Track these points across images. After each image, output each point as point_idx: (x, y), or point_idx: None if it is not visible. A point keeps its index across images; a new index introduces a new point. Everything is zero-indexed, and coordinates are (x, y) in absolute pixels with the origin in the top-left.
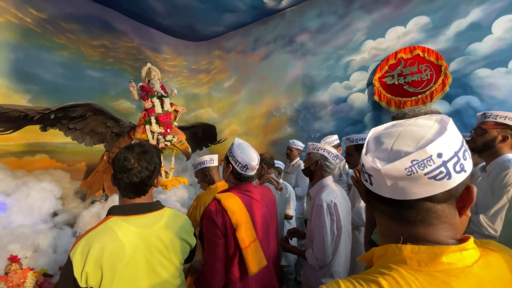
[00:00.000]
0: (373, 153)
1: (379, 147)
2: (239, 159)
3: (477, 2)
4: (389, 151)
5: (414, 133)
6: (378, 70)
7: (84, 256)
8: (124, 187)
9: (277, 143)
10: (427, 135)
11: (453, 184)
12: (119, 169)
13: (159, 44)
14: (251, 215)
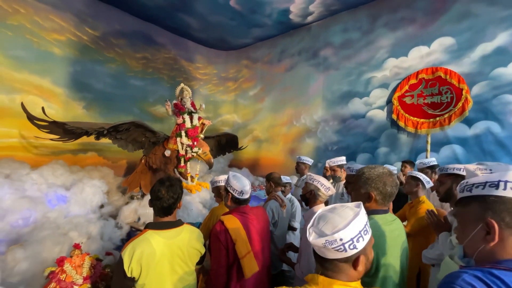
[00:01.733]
0: (313, 227)
1: (317, 224)
2: (235, 187)
3: (505, 26)
4: (319, 230)
5: (334, 221)
6: (398, 88)
7: (130, 256)
8: (157, 210)
9: (295, 152)
10: (340, 225)
11: (348, 254)
12: (155, 197)
13: (193, 54)
14: (247, 232)
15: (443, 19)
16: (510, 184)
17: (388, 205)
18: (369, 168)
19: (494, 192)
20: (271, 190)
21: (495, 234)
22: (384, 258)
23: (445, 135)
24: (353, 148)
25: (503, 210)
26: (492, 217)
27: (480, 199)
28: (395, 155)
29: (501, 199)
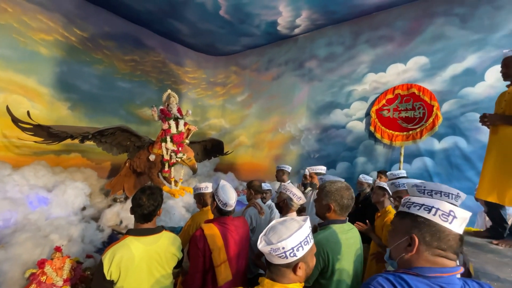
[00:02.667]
0: (264, 236)
1: (267, 234)
2: (221, 198)
3: (474, 49)
4: (268, 239)
5: (281, 232)
6: (376, 102)
7: (110, 260)
8: (138, 216)
9: (280, 158)
10: (284, 236)
11: (289, 261)
12: (136, 204)
13: (182, 58)
14: (225, 242)
15: (418, 39)
16: (440, 212)
17: (345, 215)
18: (330, 183)
19: (425, 214)
20: (251, 197)
21: (414, 247)
22: (338, 263)
23: (417, 147)
24: (334, 156)
25: (427, 231)
26: (416, 234)
27: (412, 217)
28: (372, 164)
29: (428, 222)
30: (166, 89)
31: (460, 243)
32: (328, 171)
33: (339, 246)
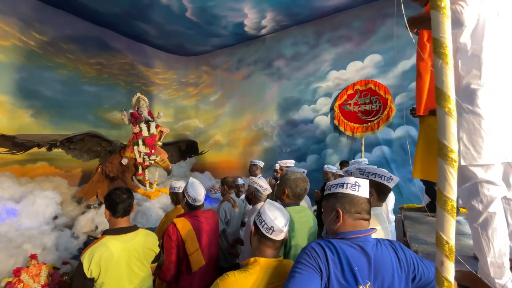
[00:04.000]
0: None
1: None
2: (190, 194)
3: None
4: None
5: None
6: (339, 98)
7: (90, 259)
8: (119, 211)
9: (254, 154)
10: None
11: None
12: (114, 200)
13: (151, 59)
14: (197, 232)
15: (373, 38)
16: (349, 185)
17: (298, 201)
18: (292, 172)
19: (340, 190)
20: (225, 192)
21: (340, 217)
22: (294, 240)
23: (375, 137)
24: (304, 150)
25: (345, 202)
26: (339, 207)
27: (333, 195)
28: (337, 155)
29: (344, 194)
30: (136, 91)
31: (369, 205)
32: (299, 163)
33: (292, 224)
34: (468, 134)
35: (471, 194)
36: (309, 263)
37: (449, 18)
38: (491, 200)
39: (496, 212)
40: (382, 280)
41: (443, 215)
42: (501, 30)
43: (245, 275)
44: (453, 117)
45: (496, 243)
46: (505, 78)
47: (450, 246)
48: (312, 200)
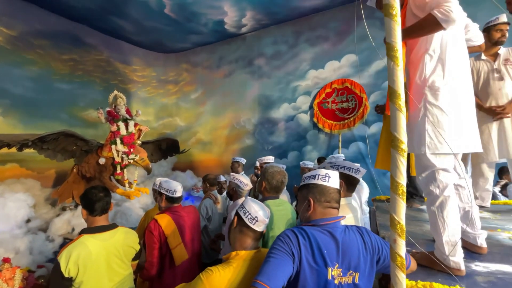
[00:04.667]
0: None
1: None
2: (167, 187)
3: None
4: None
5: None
6: (317, 96)
7: (67, 259)
8: (95, 209)
9: (237, 152)
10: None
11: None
12: (91, 199)
13: (128, 56)
14: (179, 227)
15: (348, 39)
16: (320, 176)
17: (276, 194)
18: (270, 166)
19: (312, 181)
20: (207, 189)
21: (311, 206)
22: (272, 231)
23: (352, 134)
24: (285, 147)
25: (316, 192)
26: (311, 196)
27: (306, 186)
28: (317, 152)
29: (315, 185)
30: (112, 89)
31: (339, 195)
32: (281, 160)
33: (271, 217)
34: (433, 126)
35: (429, 181)
36: (282, 248)
37: (399, 25)
38: (446, 185)
39: (450, 196)
40: (349, 262)
41: (395, 199)
42: (458, 35)
43: (228, 270)
44: (403, 112)
45: (450, 224)
46: (462, 78)
47: (401, 226)
48: (292, 195)
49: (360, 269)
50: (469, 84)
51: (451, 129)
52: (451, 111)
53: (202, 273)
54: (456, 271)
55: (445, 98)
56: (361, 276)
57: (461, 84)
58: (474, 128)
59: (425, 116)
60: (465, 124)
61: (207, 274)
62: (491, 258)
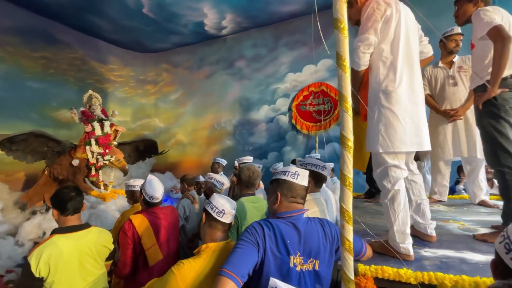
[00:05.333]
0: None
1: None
2: (147, 191)
3: None
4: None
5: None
6: (295, 98)
7: (38, 259)
8: (67, 208)
9: (217, 153)
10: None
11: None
12: (62, 199)
13: (105, 55)
14: (154, 228)
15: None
16: (290, 173)
17: (251, 190)
18: (245, 165)
19: (282, 177)
20: (185, 190)
21: (278, 200)
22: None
23: (328, 135)
24: (265, 148)
25: (284, 187)
26: (279, 191)
27: (276, 181)
28: (295, 152)
29: (284, 181)
30: (87, 88)
31: (305, 192)
32: (261, 160)
33: (245, 212)
34: (385, 127)
35: (382, 176)
36: (248, 239)
37: (347, 37)
38: (396, 180)
39: (400, 190)
40: (309, 250)
41: (343, 190)
42: (412, 43)
43: (198, 261)
44: (350, 114)
45: (400, 214)
46: (412, 83)
47: (348, 213)
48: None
49: (320, 257)
50: (419, 89)
51: (402, 129)
52: (402, 113)
53: (174, 266)
54: (406, 256)
55: (396, 101)
56: (321, 264)
57: (411, 88)
58: (423, 129)
59: (379, 117)
60: (415, 125)
61: (178, 267)
62: (439, 245)
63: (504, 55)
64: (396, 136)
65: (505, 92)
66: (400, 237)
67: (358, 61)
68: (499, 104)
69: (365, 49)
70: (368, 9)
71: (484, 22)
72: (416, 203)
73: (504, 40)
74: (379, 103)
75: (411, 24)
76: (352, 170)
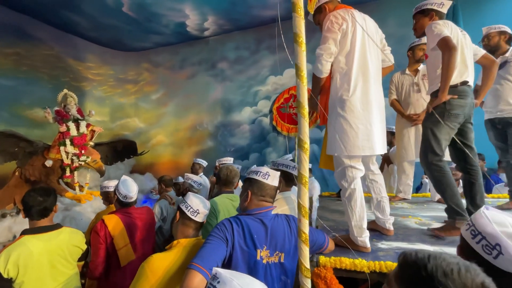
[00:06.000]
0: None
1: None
2: (121, 191)
3: None
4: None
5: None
6: (276, 101)
7: (6, 260)
8: (34, 213)
9: (199, 154)
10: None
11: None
12: (29, 202)
13: (82, 52)
14: (128, 229)
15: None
16: (261, 174)
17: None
18: (227, 165)
19: (254, 176)
20: (162, 190)
21: (248, 198)
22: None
23: None
24: (246, 149)
25: (255, 186)
26: (250, 189)
27: (248, 180)
28: (276, 153)
29: (256, 180)
30: (63, 86)
31: (274, 192)
32: (242, 161)
33: (223, 207)
34: (340, 133)
35: (341, 176)
36: (218, 234)
37: (305, 50)
38: (353, 180)
39: (356, 188)
40: (275, 244)
41: (300, 187)
42: (372, 53)
43: (169, 255)
44: (307, 120)
45: (356, 211)
46: (368, 91)
47: (305, 208)
48: None
49: (285, 250)
50: (374, 97)
51: (354, 135)
52: (354, 120)
53: (145, 261)
54: (363, 249)
55: (350, 109)
56: (286, 256)
57: (365, 97)
58: (376, 134)
59: (335, 124)
60: (368, 131)
61: (147, 261)
62: (395, 238)
63: (451, 64)
64: (349, 141)
65: (454, 99)
66: (358, 231)
67: (321, 68)
68: (444, 110)
69: (327, 58)
70: (328, 22)
71: (435, 34)
72: (377, 200)
73: (450, 50)
74: (335, 111)
75: (371, 34)
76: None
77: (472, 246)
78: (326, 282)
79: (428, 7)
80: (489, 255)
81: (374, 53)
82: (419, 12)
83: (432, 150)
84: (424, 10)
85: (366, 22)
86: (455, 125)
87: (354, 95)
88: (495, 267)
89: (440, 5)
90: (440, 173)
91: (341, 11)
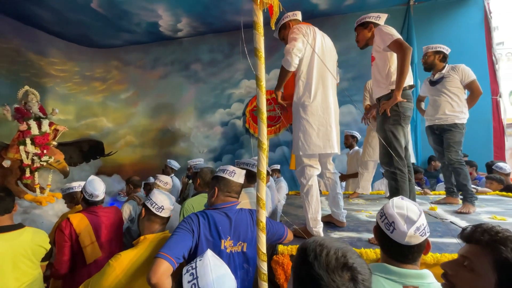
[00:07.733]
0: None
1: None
2: (87, 190)
3: None
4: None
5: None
6: (249, 104)
7: None
8: None
9: (171, 155)
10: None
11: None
12: None
13: (45, 47)
14: (94, 227)
15: (276, 55)
16: (227, 172)
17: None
18: (205, 167)
19: (221, 174)
20: (131, 191)
21: (215, 194)
22: None
23: (278, 139)
24: (220, 150)
25: (221, 183)
26: (217, 186)
27: (216, 177)
28: (249, 155)
29: (222, 178)
30: (23, 82)
31: (240, 188)
32: (215, 163)
33: (201, 206)
34: (302, 134)
35: (300, 173)
36: (184, 226)
37: (264, 63)
38: (310, 177)
39: (312, 185)
40: (238, 234)
41: (259, 183)
42: (322, 66)
43: (136, 250)
44: (265, 124)
45: (312, 205)
46: (326, 98)
47: (262, 201)
48: None
49: (248, 240)
50: (332, 102)
51: (315, 135)
52: (315, 122)
53: (111, 258)
54: None
55: (311, 113)
56: (248, 246)
57: (325, 102)
58: (334, 135)
59: (298, 126)
60: (327, 132)
61: (115, 257)
62: (347, 229)
63: (407, 63)
64: (311, 141)
65: (404, 102)
66: (313, 223)
67: (291, 61)
68: (400, 112)
69: (297, 53)
70: (294, 31)
71: (387, 33)
72: (332, 196)
73: (405, 50)
74: (299, 115)
75: (329, 49)
76: (266, 167)
77: (379, 224)
78: (283, 268)
79: (367, 20)
80: (388, 230)
81: (331, 65)
82: (360, 25)
83: (398, 154)
84: (363, 23)
85: (325, 38)
86: (408, 127)
87: (315, 100)
88: (392, 240)
89: (377, 18)
90: (403, 178)
91: (303, 25)
